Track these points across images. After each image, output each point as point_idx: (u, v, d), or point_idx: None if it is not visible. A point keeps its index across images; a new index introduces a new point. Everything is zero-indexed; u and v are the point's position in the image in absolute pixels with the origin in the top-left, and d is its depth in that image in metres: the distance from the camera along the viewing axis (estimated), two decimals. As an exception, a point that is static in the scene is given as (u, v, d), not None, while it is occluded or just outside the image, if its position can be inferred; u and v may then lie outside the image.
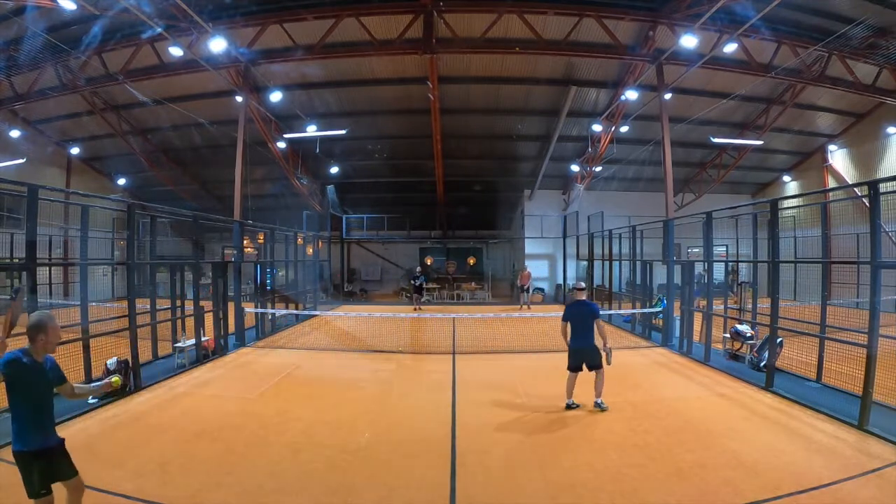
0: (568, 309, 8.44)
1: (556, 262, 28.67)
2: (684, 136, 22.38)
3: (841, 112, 22.34)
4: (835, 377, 9.08)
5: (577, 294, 8.61)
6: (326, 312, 19.72)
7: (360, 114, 22.75)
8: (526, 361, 11.92)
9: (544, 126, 23.78)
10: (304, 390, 9.35)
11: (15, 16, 14.64)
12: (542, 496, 5.36)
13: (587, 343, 8.24)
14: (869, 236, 7.50)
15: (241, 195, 17.20)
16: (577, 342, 8.23)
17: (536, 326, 15.77)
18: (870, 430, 6.90)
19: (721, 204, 15.95)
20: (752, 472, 5.75)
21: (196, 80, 19.01)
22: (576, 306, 8.41)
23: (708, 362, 11.48)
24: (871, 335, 7.17)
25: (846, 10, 15.08)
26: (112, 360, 9.00)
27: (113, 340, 9.86)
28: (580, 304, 8.45)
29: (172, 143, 24.92)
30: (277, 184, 26.61)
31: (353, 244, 33.26)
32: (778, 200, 10.02)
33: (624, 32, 16.85)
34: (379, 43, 16.85)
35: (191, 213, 12.86)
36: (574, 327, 8.25)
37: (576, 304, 8.47)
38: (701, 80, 19.23)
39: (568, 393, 8.19)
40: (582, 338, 8.22)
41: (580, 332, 8.22)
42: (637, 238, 16.98)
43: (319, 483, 5.65)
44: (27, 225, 7.42)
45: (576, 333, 8.24)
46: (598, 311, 8.60)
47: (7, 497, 5.22)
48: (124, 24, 15.39)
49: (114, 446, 6.60)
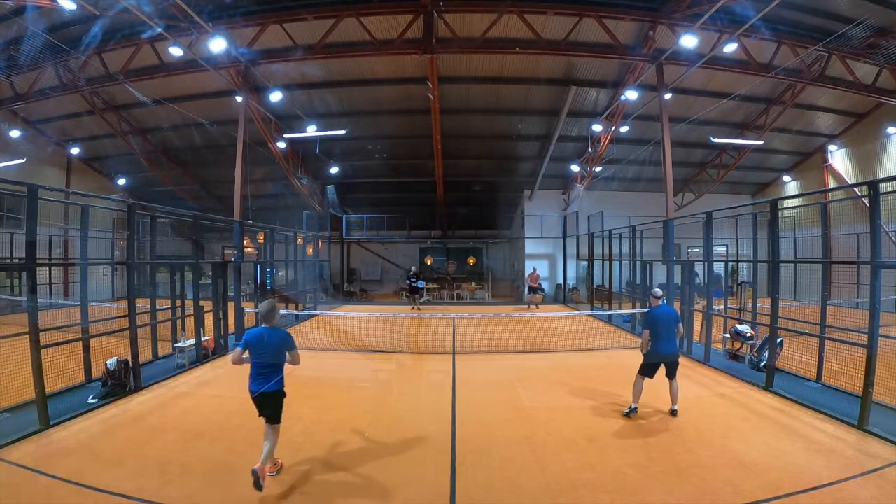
0: (651, 316, 8.13)
1: (556, 263, 28.66)
2: (684, 136, 22.41)
3: (841, 112, 22.36)
4: (835, 377, 9.09)
5: (656, 301, 8.40)
6: (326, 312, 19.71)
7: (360, 114, 22.74)
8: (526, 361, 11.91)
9: (544, 126, 23.79)
10: (304, 390, 9.34)
11: (15, 16, 14.66)
12: (543, 496, 5.37)
13: (672, 348, 8.08)
14: (869, 236, 7.49)
15: (241, 195, 17.22)
16: (663, 347, 8.00)
17: (538, 326, 15.78)
18: (870, 430, 6.92)
19: (721, 204, 15.94)
20: (751, 472, 5.76)
21: (196, 80, 19.03)
22: (660, 313, 8.15)
23: (708, 362, 11.49)
24: (870, 335, 7.18)
25: (846, 9, 15.10)
26: (112, 360, 8.99)
27: (113, 340, 9.86)
28: (664, 311, 8.21)
29: (172, 143, 24.93)
30: (277, 184, 26.58)
31: (353, 244, 33.27)
32: (778, 200, 10.00)
33: (624, 32, 16.85)
34: (379, 43, 16.85)
35: (191, 213, 12.85)
36: (659, 333, 8.00)
37: (659, 310, 8.20)
38: (701, 80, 19.26)
39: (635, 397, 8.01)
40: (667, 343, 8.03)
41: (665, 338, 8.02)
42: (637, 238, 16.99)
43: (320, 483, 5.67)
44: (27, 225, 7.41)
45: (660, 339, 8.01)
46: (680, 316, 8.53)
47: (7, 497, 5.23)
48: (124, 24, 15.40)
49: (114, 446, 6.60)
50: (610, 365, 11.82)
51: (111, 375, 8.86)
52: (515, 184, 28.91)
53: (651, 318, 8.06)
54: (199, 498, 5.30)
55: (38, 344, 7.25)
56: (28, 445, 6.54)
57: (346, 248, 32.84)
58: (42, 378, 7.20)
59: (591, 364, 11.93)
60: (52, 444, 6.65)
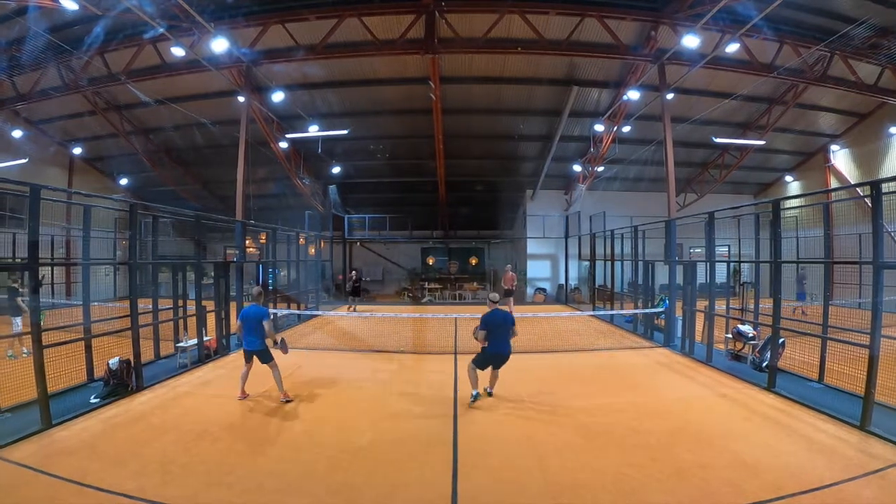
0: (487, 319, 8.60)
1: (558, 263, 28.70)
2: (686, 136, 22.39)
3: (843, 112, 22.32)
4: (837, 378, 9.06)
5: (492, 305, 8.84)
6: (328, 313, 19.72)
7: (361, 114, 22.79)
8: (528, 362, 11.87)
9: (546, 126, 23.80)
10: (305, 390, 9.34)
11: (17, 16, 14.69)
12: (544, 496, 5.36)
13: (506, 348, 8.66)
14: (871, 236, 7.48)
15: (243, 195, 17.23)
16: (500, 347, 8.57)
17: (539, 327, 15.77)
18: (872, 431, 6.89)
19: (723, 204, 15.92)
20: (753, 473, 5.75)
21: (198, 80, 19.06)
22: (497, 316, 8.65)
23: (710, 363, 11.46)
24: (873, 335, 7.17)
25: (848, 9, 15.09)
26: (114, 359, 9.00)
27: (115, 340, 9.86)
28: (501, 315, 8.72)
29: (174, 143, 24.99)
30: (279, 184, 26.62)
31: (354, 244, 33.26)
32: (780, 200, 9.99)
33: (626, 32, 16.85)
34: (381, 43, 16.85)
35: (193, 213, 12.86)
36: (496, 335, 8.55)
37: (496, 313, 8.70)
38: (703, 80, 19.25)
39: (473, 385, 8.65)
40: (503, 343, 8.58)
41: (501, 339, 8.57)
42: (639, 238, 16.98)
43: (321, 483, 5.66)
44: (30, 225, 7.42)
45: (497, 339, 8.56)
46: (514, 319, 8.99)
47: (9, 496, 5.24)
48: (126, 25, 15.43)
49: (116, 446, 6.61)
50: (611, 365, 11.82)
51: (113, 375, 8.87)
52: (517, 184, 28.94)
53: (486, 322, 8.55)
54: (201, 498, 5.30)
55: (41, 343, 7.26)
56: (30, 445, 6.55)
57: (348, 249, 32.85)
58: (44, 377, 7.21)
59: (593, 364, 11.93)
60: (54, 443, 6.66)
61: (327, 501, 5.28)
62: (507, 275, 21.36)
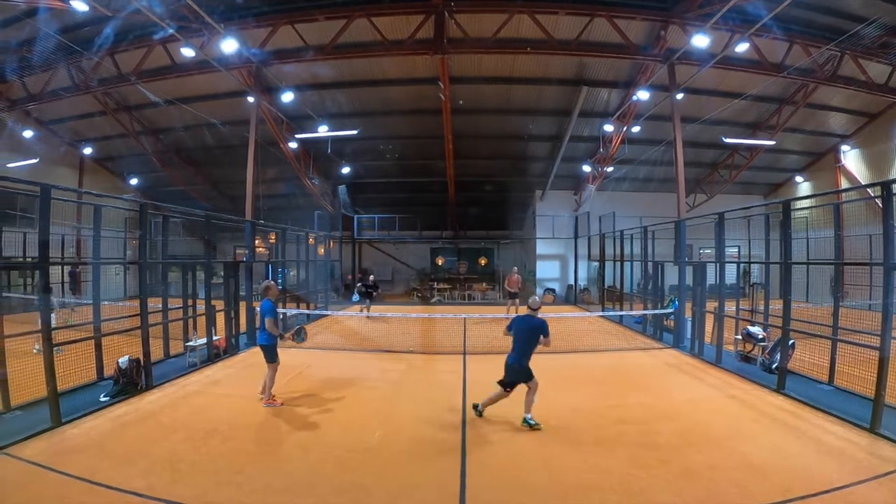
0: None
1: (567, 263, 28.64)
2: (696, 136, 22.30)
3: (853, 112, 22.12)
4: (847, 380, 9.00)
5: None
6: (337, 313, 19.77)
7: (371, 114, 22.81)
8: (537, 362, 11.78)
9: (556, 126, 23.74)
10: (314, 389, 9.38)
11: (28, 17, 14.82)
12: (552, 497, 5.36)
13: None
14: (882, 237, 7.42)
15: (252, 195, 17.28)
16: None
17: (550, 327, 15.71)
18: (882, 434, 6.85)
19: (733, 204, 15.84)
20: (761, 475, 5.72)
21: (208, 80, 19.14)
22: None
23: (719, 364, 11.42)
24: (883, 337, 7.11)
25: (859, 9, 14.96)
26: (124, 358, 9.06)
27: (125, 339, 9.93)
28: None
29: (184, 143, 25.11)
30: (289, 184, 26.71)
31: (364, 244, 33.32)
32: (790, 201, 9.93)
33: (635, 32, 16.78)
34: (390, 43, 16.87)
35: (203, 212, 12.94)
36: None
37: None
38: (713, 80, 19.13)
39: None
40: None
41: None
42: (649, 239, 16.92)
43: (329, 482, 5.68)
44: (40, 224, 7.48)
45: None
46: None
47: (19, 493, 5.29)
48: (136, 26, 15.52)
49: (125, 444, 6.66)
50: (620, 366, 11.79)
51: (123, 374, 8.93)
52: (527, 184, 28.89)
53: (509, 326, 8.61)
54: (210, 496, 5.33)
55: (51, 342, 7.32)
56: (40, 443, 6.61)
57: (358, 248, 32.90)
58: (54, 376, 7.27)
59: (602, 364, 11.91)
60: (64, 441, 6.72)
61: (335, 501, 5.29)
62: (513, 277, 20.99)
